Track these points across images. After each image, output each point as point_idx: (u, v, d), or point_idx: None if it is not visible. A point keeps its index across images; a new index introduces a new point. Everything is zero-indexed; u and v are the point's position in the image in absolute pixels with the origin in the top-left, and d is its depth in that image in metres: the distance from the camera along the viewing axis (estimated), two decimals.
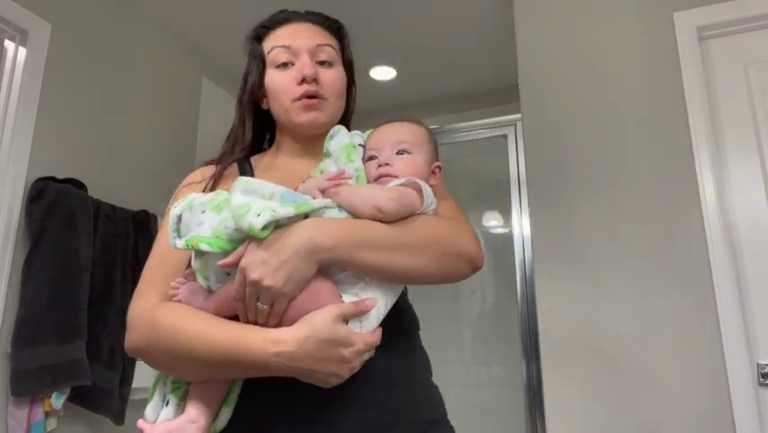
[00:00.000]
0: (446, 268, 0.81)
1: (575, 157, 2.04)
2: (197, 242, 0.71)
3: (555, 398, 1.89)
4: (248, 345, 0.70)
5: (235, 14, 2.62)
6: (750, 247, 1.81)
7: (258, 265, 0.69)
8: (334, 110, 0.98)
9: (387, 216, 0.76)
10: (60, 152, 2.08)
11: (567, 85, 2.12)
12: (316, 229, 0.72)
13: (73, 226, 1.95)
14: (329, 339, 0.69)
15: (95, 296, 2.00)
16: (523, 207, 2.35)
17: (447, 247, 0.80)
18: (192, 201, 0.76)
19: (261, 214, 0.68)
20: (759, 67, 1.93)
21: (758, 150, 1.87)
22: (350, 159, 0.86)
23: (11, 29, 1.95)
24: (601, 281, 1.91)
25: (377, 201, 0.76)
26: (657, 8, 2.04)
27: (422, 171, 0.89)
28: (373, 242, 0.74)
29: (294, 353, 0.69)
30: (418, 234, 0.78)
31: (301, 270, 0.70)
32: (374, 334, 0.75)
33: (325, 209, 0.76)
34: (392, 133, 0.92)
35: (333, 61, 0.98)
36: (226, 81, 3.06)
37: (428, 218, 0.82)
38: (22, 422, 1.76)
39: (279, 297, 0.70)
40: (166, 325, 0.75)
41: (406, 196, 0.79)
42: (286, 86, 0.95)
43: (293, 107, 0.94)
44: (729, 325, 1.71)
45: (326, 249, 0.71)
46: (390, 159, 0.88)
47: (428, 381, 0.90)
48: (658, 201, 1.89)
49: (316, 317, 0.70)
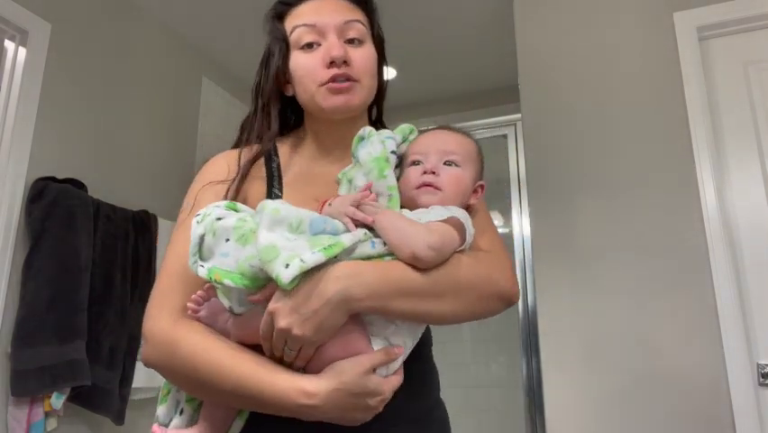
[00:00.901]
0: (480, 310, 0.78)
1: (575, 157, 2.04)
2: (221, 277, 0.68)
3: (555, 398, 1.89)
4: (275, 390, 0.68)
5: (235, 14, 2.62)
6: (750, 247, 1.81)
7: (287, 314, 0.66)
8: (367, 92, 0.89)
9: (424, 265, 0.71)
10: (60, 152, 2.08)
11: (567, 85, 2.12)
12: (349, 279, 0.67)
13: (73, 226, 1.94)
14: (359, 392, 0.68)
15: (95, 296, 2.00)
16: (523, 207, 2.35)
17: (483, 290, 0.77)
18: (215, 225, 0.71)
19: (290, 264, 0.63)
20: (759, 67, 1.93)
21: (758, 150, 1.87)
22: (382, 174, 0.79)
23: (11, 29, 1.95)
24: (601, 281, 1.91)
25: (416, 248, 0.70)
26: (657, 8, 2.04)
27: (466, 188, 0.85)
28: (408, 290, 0.70)
29: (322, 406, 0.67)
30: (454, 279, 0.74)
31: (332, 320, 0.67)
32: (398, 376, 0.73)
33: (358, 244, 0.71)
34: (442, 140, 0.86)
35: (363, 39, 0.89)
36: (226, 81, 3.06)
37: (466, 260, 0.77)
38: (22, 422, 1.76)
39: (308, 345, 0.68)
40: (187, 354, 0.72)
41: (448, 243, 0.74)
42: (312, 69, 0.86)
43: (320, 92, 0.86)
44: (729, 325, 1.71)
45: (359, 300, 0.67)
46: (437, 168, 0.82)
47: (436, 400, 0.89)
48: (658, 201, 1.89)
49: (348, 368, 0.68)
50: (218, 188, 0.86)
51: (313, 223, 0.69)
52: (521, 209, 2.38)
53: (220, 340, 0.72)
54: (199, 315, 0.74)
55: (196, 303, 0.75)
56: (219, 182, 0.87)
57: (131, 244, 2.20)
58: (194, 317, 0.74)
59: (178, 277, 0.78)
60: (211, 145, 2.84)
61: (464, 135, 0.89)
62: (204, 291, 0.75)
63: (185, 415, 0.76)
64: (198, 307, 0.75)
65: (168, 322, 0.75)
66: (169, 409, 0.78)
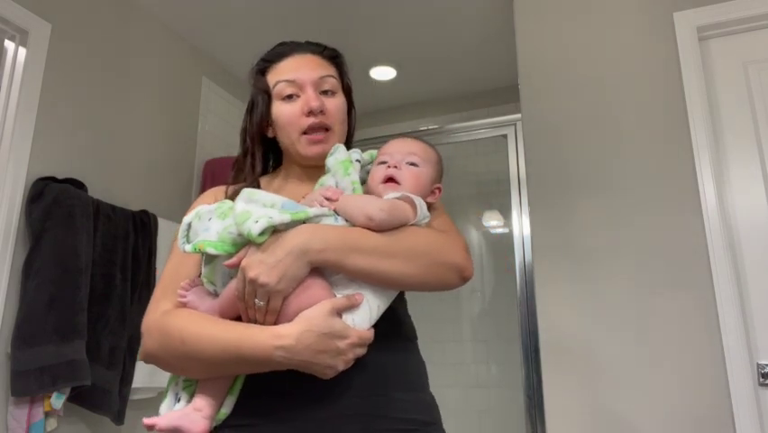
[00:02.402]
0: (433, 276, 0.85)
1: (575, 157, 2.04)
2: (204, 245, 0.78)
3: (555, 398, 1.89)
4: (251, 341, 0.76)
5: (235, 15, 2.62)
6: (750, 247, 1.81)
7: (255, 265, 0.76)
8: (338, 137, 1.03)
9: (377, 225, 0.82)
10: (60, 152, 2.08)
11: (567, 85, 2.12)
12: (310, 234, 0.78)
13: (73, 227, 1.94)
14: (326, 332, 0.75)
15: (95, 296, 2.00)
16: (523, 207, 2.35)
17: (435, 257, 0.85)
18: (200, 210, 0.83)
19: (259, 220, 0.75)
20: (759, 67, 1.93)
21: (758, 150, 1.87)
22: (346, 172, 0.92)
23: (11, 29, 1.95)
24: (601, 281, 1.91)
25: (368, 210, 0.82)
26: (657, 8, 2.04)
27: (423, 185, 0.95)
28: (362, 248, 0.80)
29: (294, 346, 0.75)
30: (407, 243, 0.84)
31: (293, 269, 0.76)
32: (368, 331, 0.80)
33: (322, 217, 0.82)
34: (406, 144, 0.99)
35: (335, 90, 1.04)
36: (226, 81, 3.06)
37: (419, 230, 0.87)
38: (22, 422, 1.76)
39: (274, 293, 0.76)
40: (175, 328, 0.82)
41: (398, 208, 0.85)
42: (293, 118, 1.00)
43: (300, 141, 1.00)
44: (729, 325, 1.71)
45: (317, 251, 0.77)
46: (400, 164, 0.94)
47: (423, 385, 0.94)
48: (658, 201, 1.89)
49: (312, 312, 0.76)
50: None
51: (284, 205, 0.81)
52: (521, 209, 2.37)
53: (203, 315, 0.82)
54: (187, 300, 0.84)
55: (185, 289, 0.85)
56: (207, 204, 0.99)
57: (131, 244, 2.20)
58: (182, 303, 0.85)
59: (172, 286, 0.88)
60: (211, 145, 2.84)
61: (427, 144, 1.02)
62: (190, 280, 0.86)
63: (182, 401, 0.83)
64: (186, 292, 0.85)
65: (160, 312, 0.86)
66: (168, 404, 0.84)
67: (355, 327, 0.79)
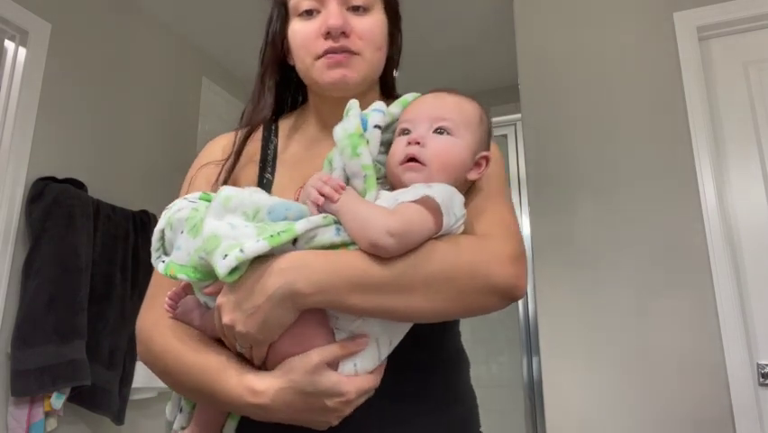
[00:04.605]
0: (464, 307, 0.66)
1: (575, 157, 2.04)
2: (175, 271, 0.64)
3: (555, 397, 1.89)
4: (224, 388, 0.64)
5: (235, 15, 2.62)
6: (750, 247, 1.81)
7: (230, 309, 0.61)
8: (369, 65, 0.80)
9: (385, 253, 0.61)
10: (60, 152, 2.08)
11: (567, 85, 2.12)
12: (295, 272, 0.60)
13: (73, 226, 1.94)
14: (310, 390, 0.61)
15: (95, 296, 2.00)
16: (523, 206, 2.35)
17: (467, 282, 0.64)
18: (172, 217, 0.68)
19: (228, 255, 0.57)
20: (759, 67, 1.93)
21: (758, 150, 1.87)
22: (355, 152, 0.68)
23: (11, 29, 1.95)
24: (601, 281, 1.91)
25: (372, 234, 0.61)
26: (657, 8, 2.04)
27: (460, 162, 0.71)
28: (367, 284, 0.61)
29: (269, 406, 0.61)
30: (427, 269, 0.63)
31: (277, 317, 0.60)
32: (370, 377, 0.64)
33: (318, 230, 0.62)
34: (434, 105, 0.73)
35: (369, 6, 0.80)
36: (226, 81, 3.06)
37: (442, 248, 0.64)
38: (22, 422, 1.76)
39: (256, 342, 0.62)
40: (159, 352, 0.71)
41: (414, 225, 0.62)
42: (307, 40, 0.79)
43: (315, 66, 0.79)
44: (729, 325, 1.71)
45: (306, 295, 0.60)
46: (424, 137, 0.70)
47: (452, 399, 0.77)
48: (658, 201, 1.89)
49: (296, 364, 0.61)
50: (210, 172, 0.83)
51: (273, 210, 0.63)
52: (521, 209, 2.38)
53: (189, 338, 0.69)
54: (175, 313, 0.71)
55: (173, 300, 0.71)
56: (213, 164, 0.83)
57: (131, 244, 2.20)
58: (171, 316, 0.71)
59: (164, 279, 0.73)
60: None
61: (463, 98, 0.76)
62: (180, 289, 0.71)
63: (184, 413, 0.75)
64: (175, 304, 0.71)
65: (150, 321, 0.74)
66: (173, 407, 0.77)
67: (357, 372, 0.63)
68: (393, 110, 0.75)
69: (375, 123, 0.71)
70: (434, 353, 0.77)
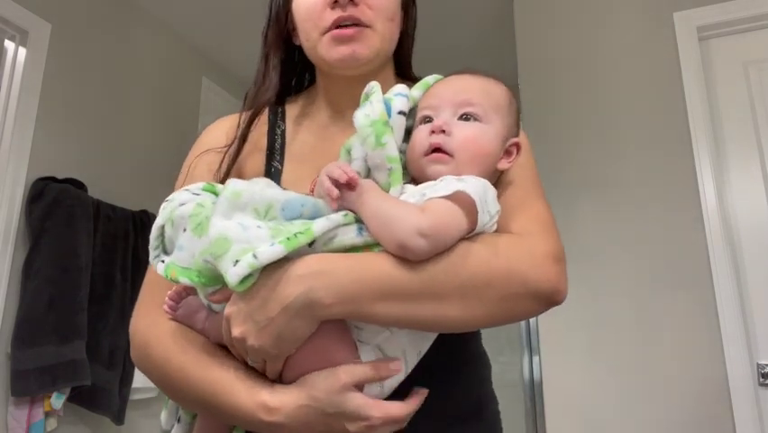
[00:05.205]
0: (503, 313, 0.59)
1: (575, 157, 2.04)
2: (176, 274, 0.58)
3: (555, 397, 1.89)
4: (235, 404, 0.57)
5: (235, 15, 2.62)
6: (750, 247, 1.81)
7: (241, 321, 0.55)
8: (381, 39, 0.73)
9: (414, 257, 0.55)
10: (60, 152, 2.08)
11: (567, 85, 2.12)
12: (314, 279, 0.54)
13: (73, 226, 1.94)
14: (331, 412, 0.55)
15: (95, 296, 2.00)
16: None
17: (504, 289, 0.58)
18: (173, 213, 0.61)
19: (240, 261, 0.52)
20: (759, 67, 1.93)
21: (758, 150, 1.87)
22: (379, 142, 0.61)
23: (11, 29, 1.95)
24: (601, 281, 1.90)
25: (402, 235, 0.54)
26: (657, 8, 2.04)
27: (490, 150, 0.65)
28: (393, 292, 0.55)
29: (283, 424, 0.55)
30: (462, 275, 0.56)
31: (293, 330, 0.54)
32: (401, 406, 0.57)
33: (338, 230, 0.56)
34: (459, 88, 0.67)
35: None
36: (226, 81, 3.06)
37: (478, 249, 0.58)
38: (22, 422, 1.76)
39: (271, 357, 0.56)
40: (159, 359, 0.64)
41: (447, 226, 0.56)
42: (313, 11, 0.71)
43: (322, 41, 0.71)
44: (729, 325, 1.71)
45: (327, 305, 0.54)
46: (449, 124, 0.64)
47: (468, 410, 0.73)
48: (658, 201, 1.89)
49: (320, 381, 0.55)
50: (212, 159, 0.76)
51: (287, 206, 0.57)
52: None
53: (191, 345, 0.63)
54: (176, 315, 0.65)
55: (174, 300, 0.66)
56: (214, 151, 0.76)
57: (131, 244, 2.20)
58: (171, 317, 0.66)
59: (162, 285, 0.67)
60: None
61: (489, 79, 0.69)
62: (181, 288, 0.65)
63: (183, 423, 0.70)
64: (175, 305, 0.66)
65: (146, 322, 0.69)
66: (170, 415, 0.72)
67: (383, 391, 0.57)
68: (414, 93, 0.68)
69: (399, 108, 0.64)
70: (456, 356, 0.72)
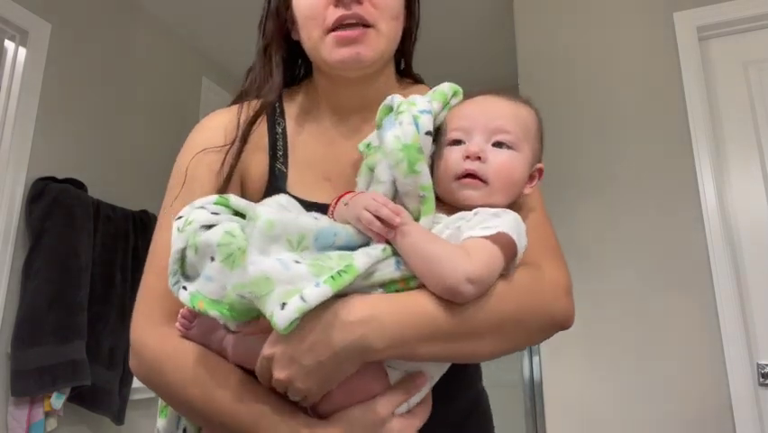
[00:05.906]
0: (526, 343, 0.65)
1: (575, 157, 2.04)
2: (205, 306, 0.55)
3: (555, 397, 1.89)
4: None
5: (235, 15, 2.62)
6: (750, 247, 1.81)
7: (285, 364, 0.54)
8: (385, 40, 0.71)
9: (462, 301, 0.57)
10: (60, 152, 2.08)
11: (567, 85, 2.12)
12: (366, 327, 0.54)
13: (73, 226, 1.94)
14: None
15: (95, 296, 2.00)
16: None
17: (533, 324, 0.62)
18: (196, 239, 0.57)
19: (287, 303, 0.50)
20: (759, 67, 1.93)
21: (758, 150, 1.87)
22: (413, 169, 0.60)
23: (11, 29, 1.95)
24: (601, 281, 1.90)
25: (451, 282, 0.55)
26: (657, 8, 2.04)
27: (521, 179, 0.66)
28: (437, 334, 0.56)
29: None
30: (495, 312, 0.58)
31: (341, 372, 0.55)
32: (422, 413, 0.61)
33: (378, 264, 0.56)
34: (491, 113, 0.66)
35: None
36: (226, 81, 3.06)
37: (507, 288, 0.60)
38: (22, 422, 1.76)
39: (312, 395, 0.57)
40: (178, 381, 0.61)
41: (493, 272, 0.57)
42: (315, 9, 0.69)
43: (325, 42, 0.69)
44: (729, 325, 1.71)
45: (378, 351, 0.55)
46: (484, 151, 0.63)
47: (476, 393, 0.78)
48: (658, 201, 1.89)
49: (359, 418, 0.57)
50: (212, 159, 0.73)
51: (319, 237, 0.56)
52: None
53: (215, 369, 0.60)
54: (190, 334, 0.63)
55: (187, 319, 0.63)
56: (213, 150, 0.73)
57: (131, 244, 2.20)
58: (183, 335, 0.63)
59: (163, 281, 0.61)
60: None
61: (520, 103, 0.69)
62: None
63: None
64: (189, 324, 0.63)
65: (156, 337, 0.65)
66: (169, 424, 0.69)
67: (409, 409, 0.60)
68: (435, 107, 0.66)
69: (427, 128, 0.62)
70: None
